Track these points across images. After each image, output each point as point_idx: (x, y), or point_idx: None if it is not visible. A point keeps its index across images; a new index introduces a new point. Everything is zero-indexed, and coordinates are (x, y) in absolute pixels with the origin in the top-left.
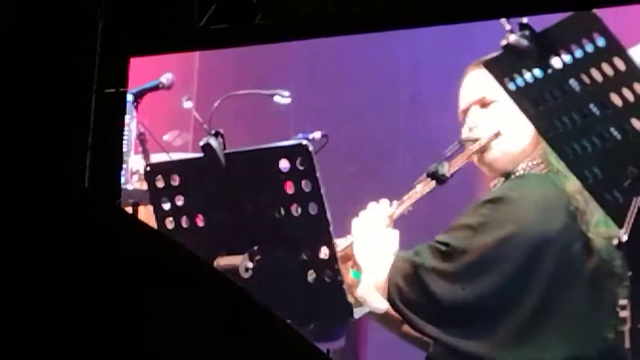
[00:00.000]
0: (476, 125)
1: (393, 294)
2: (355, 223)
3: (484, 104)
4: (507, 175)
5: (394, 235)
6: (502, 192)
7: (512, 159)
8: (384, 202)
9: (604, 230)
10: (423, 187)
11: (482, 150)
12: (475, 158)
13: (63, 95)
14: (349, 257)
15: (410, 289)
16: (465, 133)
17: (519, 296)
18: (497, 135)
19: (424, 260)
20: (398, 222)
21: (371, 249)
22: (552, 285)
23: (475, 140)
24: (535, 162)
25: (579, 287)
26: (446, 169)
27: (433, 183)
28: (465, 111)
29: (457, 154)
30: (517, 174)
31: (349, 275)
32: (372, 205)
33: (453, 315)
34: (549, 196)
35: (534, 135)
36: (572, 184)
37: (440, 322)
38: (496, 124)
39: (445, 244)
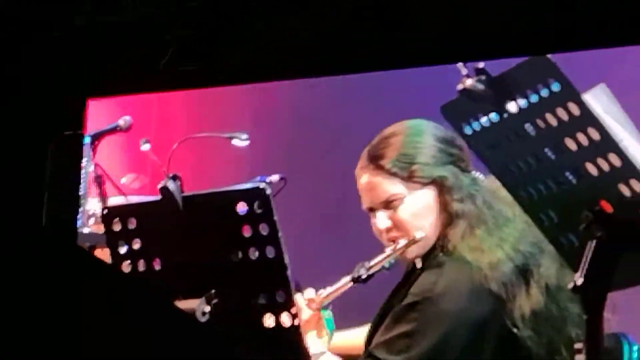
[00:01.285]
0: (389, 227)
1: None
2: None
3: (388, 203)
4: (425, 255)
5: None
6: (425, 289)
7: (428, 245)
8: (310, 291)
9: (527, 307)
10: (347, 280)
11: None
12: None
13: (20, 137)
14: None
15: None
16: (376, 232)
17: None
18: (414, 241)
19: None
20: None
21: None
22: None
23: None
24: (447, 239)
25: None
26: (365, 272)
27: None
28: (372, 210)
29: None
30: (435, 260)
31: None
32: (297, 296)
33: None
34: (472, 282)
35: (441, 214)
36: (488, 267)
37: None
38: (408, 223)
39: None
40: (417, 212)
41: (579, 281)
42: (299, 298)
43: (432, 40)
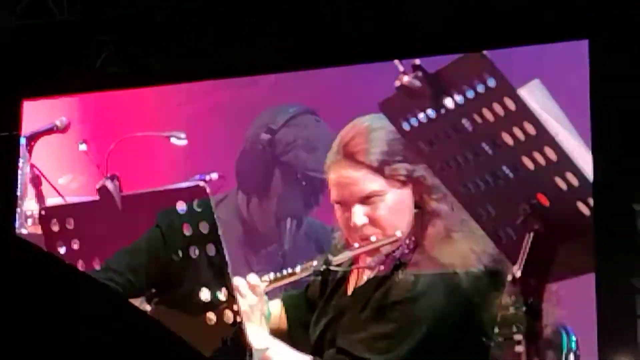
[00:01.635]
0: (365, 224)
1: None
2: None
3: (367, 199)
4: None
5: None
6: (405, 289)
7: (399, 243)
8: (253, 276)
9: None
10: (302, 270)
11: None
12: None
13: None
14: None
15: None
16: (345, 226)
17: None
18: (395, 240)
19: None
20: None
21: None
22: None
23: (369, 243)
24: (422, 239)
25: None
26: (336, 268)
27: (312, 268)
28: (341, 203)
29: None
30: (409, 259)
31: None
32: (239, 281)
33: None
34: (447, 284)
35: (417, 213)
36: (463, 272)
37: None
38: (387, 220)
39: None
40: (396, 210)
41: (517, 273)
42: (242, 283)
43: (432, 40)
